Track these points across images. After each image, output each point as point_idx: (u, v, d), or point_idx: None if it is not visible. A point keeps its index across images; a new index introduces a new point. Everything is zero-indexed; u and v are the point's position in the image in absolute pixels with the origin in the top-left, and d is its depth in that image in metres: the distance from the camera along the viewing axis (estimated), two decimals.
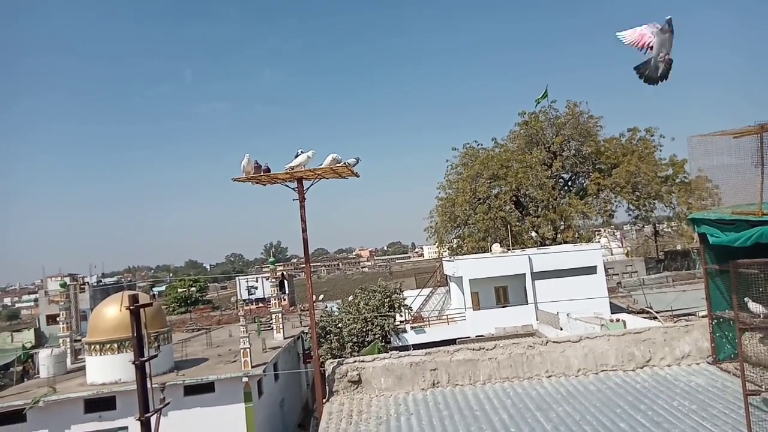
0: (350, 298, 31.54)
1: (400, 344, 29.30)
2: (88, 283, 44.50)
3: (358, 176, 10.30)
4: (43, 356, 22.78)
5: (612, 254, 54.36)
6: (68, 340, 24.64)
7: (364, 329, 27.72)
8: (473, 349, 9.46)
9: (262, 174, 9.19)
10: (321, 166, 9.38)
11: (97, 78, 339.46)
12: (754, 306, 8.02)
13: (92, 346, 20.62)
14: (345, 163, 9.61)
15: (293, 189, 9.72)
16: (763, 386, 7.49)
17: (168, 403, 11.24)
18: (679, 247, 53.51)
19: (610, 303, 31.52)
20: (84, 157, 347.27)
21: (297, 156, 9.21)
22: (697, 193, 40.08)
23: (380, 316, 28.37)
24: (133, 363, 8.86)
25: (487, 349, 9.43)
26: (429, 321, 32.50)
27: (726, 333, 9.10)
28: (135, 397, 8.52)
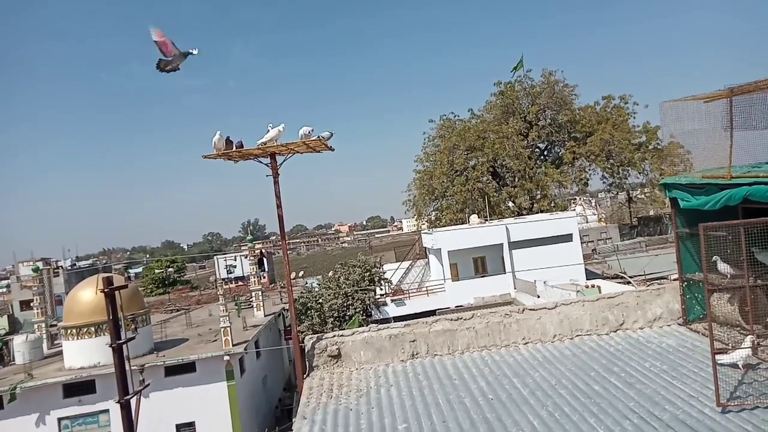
0: (330, 273, 31.57)
1: (381, 317, 29.54)
2: (62, 266, 43.66)
3: (333, 149, 10.15)
4: (18, 342, 22.41)
5: (587, 222, 55.36)
6: (43, 325, 24.25)
7: (345, 304, 27.82)
8: (451, 320, 9.53)
9: (233, 150, 8.99)
10: (294, 141, 9.20)
11: (67, 60, 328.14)
12: (722, 266, 8.21)
13: (69, 331, 20.34)
14: (319, 137, 9.45)
15: (267, 165, 9.54)
16: (730, 344, 7.73)
17: (147, 385, 11.18)
18: (651, 213, 54.72)
19: (586, 269, 32.15)
20: (56, 140, 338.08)
21: (268, 131, 9.01)
22: (669, 159, 40.82)
23: (361, 290, 28.48)
24: (110, 346, 8.75)
25: (465, 319, 9.51)
26: (409, 293, 32.79)
27: (696, 295, 9.32)
28: (114, 379, 8.44)
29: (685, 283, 9.33)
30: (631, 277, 27.83)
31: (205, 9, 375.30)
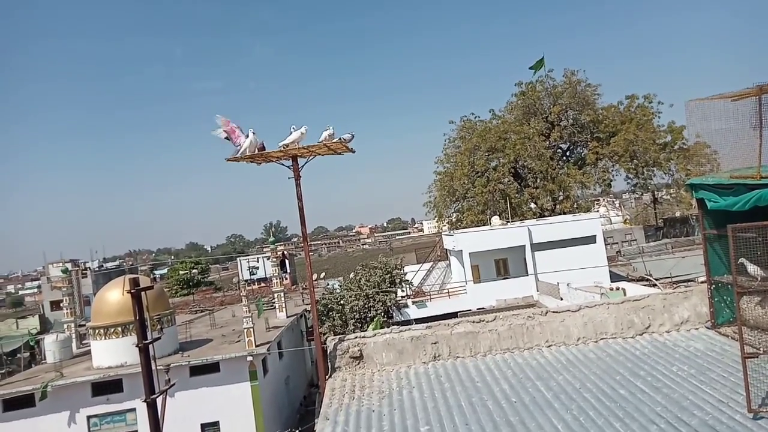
0: (351, 275, 31.66)
1: (402, 319, 29.53)
2: (89, 268, 44.67)
3: (354, 152, 10.20)
4: (49, 342, 23.00)
5: (611, 223, 54.49)
6: (72, 325, 24.85)
7: (366, 305, 27.89)
8: (473, 322, 9.50)
9: (255, 153, 9.10)
10: (316, 143, 9.28)
11: (89, 61, 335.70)
12: (752, 268, 8.02)
13: (96, 331, 20.80)
14: (340, 139, 9.51)
15: (288, 167, 9.63)
16: (761, 348, 7.53)
17: (173, 384, 11.37)
18: (678, 214, 53.57)
19: (610, 272, 31.67)
20: (82, 142, 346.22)
21: (291, 133, 9.10)
22: (696, 159, 39.94)
23: (382, 292, 28.52)
24: (137, 346, 8.94)
25: (487, 321, 9.47)
26: (430, 295, 32.70)
27: (724, 297, 9.12)
28: (141, 379, 8.61)
29: (713, 285, 9.13)
30: (657, 280, 27.31)
31: (223, 10, 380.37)
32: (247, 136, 8.85)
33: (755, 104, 7.59)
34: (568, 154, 46.09)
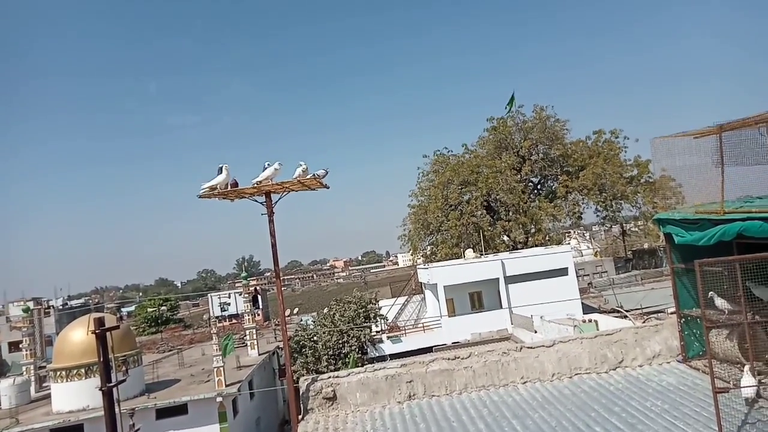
0: (325, 310, 31.22)
1: (377, 355, 29.08)
2: (53, 306, 43.06)
3: (328, 188, 10.16)
4: (5, 386, 21.88)
5: (582, 255, 55.32)
6: (32, 367, 23.73)
7: (340, 341, 27.40)
8: (448, 359, 9.38)
9: (228, 190, 8.99)
10: (290, 180, 9.22)
11: (61, 94, 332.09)
12: (719, 302, 8.16)
13: (58, 373, 19.89)
14: (314, 175, 9.47)
15: (262, 203, 9.52)
16: (731, 382, 7.61)
17: (137, 429, 10.85)
18: (646, 246, 54.80)
19: (582, 303, 31.95)
20: (49, 174, 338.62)
21: (264, 169, 9.04)
22: (661, 193, 41.09)
23: (356, 327, 28.12)
24: (100, 389, 8.54)
25: (462, 358, 9.36)
26: (405, 330, 32.39)
27: (694, 331, 9.24)
28: (104, 424, 8.20)
29: (683, 319, 9.26)
30: (627, 311, 27.64)
31: (199, 47, 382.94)
32: (220, 171, 8.75)
33: (716, 142, 7.87)
34: (539, 187, 46.98)
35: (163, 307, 62.81)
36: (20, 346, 25.38)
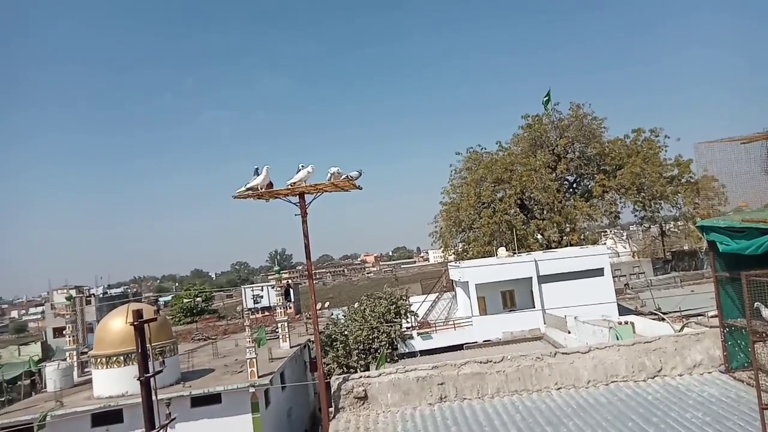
0: (356, 305, 31.39)
1: (407, 351, 29.13)
2: (94, 294, 44.55)
3: (361, 189, 10.19)
4: (50, 370, 22.76)
5: (618, 256, 54.03)
6: (75, 353, 24.62)
7: (371, 336, 27.56)
8: (480, 362, 9.31)
9: (263, 191, 9.11)
10: (323, 182, 9.29)
11: (99, 87, 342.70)
12: (766, 313, 7.86)
13: (98, 359, 20.57)
14: (347, 176, 9.52)
15: (295, 204, 9.63)
16: None
17: (174, 419, 11.14)
18: (686, 247, 53.09)
19: (618, 305, 31.23)
20: (88, 167, 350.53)
21: (298, 171, 9.13)
22: (704, 193, 39.77)
23: (386, 322, 28.21)
24: (138, 379, 8.80)
25: (494, 362, 9.28)
26: (436, 327, 32.29)
27: (738, 341, 8.93)
28: (141, 410, 8.44)
29: (726, 329, 8.95)
30: (665, 314, 26.89)
31: (233, 41, 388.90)
32: (256, 172, 8.87)
33: (766, 147, 7.55)
34: (574, 186, 46.05)
35: (198, 298, 64.29)
36: (63, 332, 26.36)
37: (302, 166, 9.11)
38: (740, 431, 7.05)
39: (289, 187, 9.15)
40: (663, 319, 25.43)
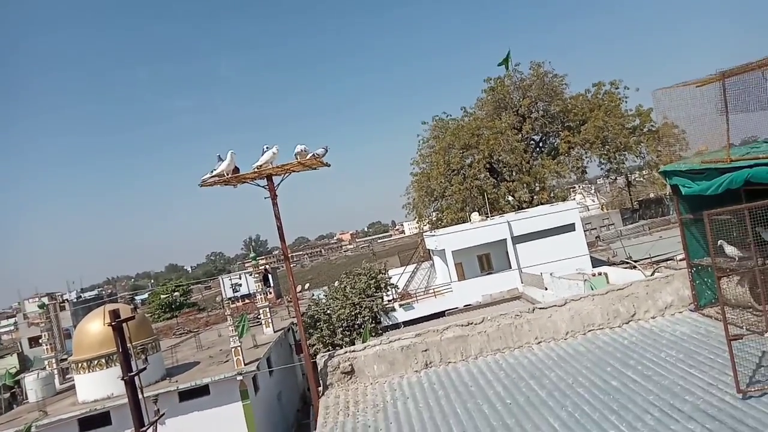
0: (336, 283, 31.49)
1: (391, 323, 29.46)
2: (67, 300, 43.53)
3: (329, 165, 10.10)
4: (30, 380, 22.31)
5: (588, 210, 55.24)
6: (54, 360, 24.14)
7: (354, 313, 27.75)
8: (462, 325, 9.47)
9: (229, 177, 8.95)
10: (290, 162, 9.17)
11: (52, 89, 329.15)
12: (729, 249, 8.15)
13: (79, 365, 20.24)
14: (314, 154, 9.41)
15: (264, 187, 9.50)
16: (744, 327, 7.65)
17: (162, 415, 11.08)
18: (652, 195, 54.60)
19: (591, 257, 32.07)
20: (49, 169, 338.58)
21: (263, 153, 8.98)
22: (665, 140, 40.75)
23: (368, 297, 28.40)
24: (122, 379, 8.69)
25: (475, 324, 9.45)
26: (416, 297, 32.70)
27: (705, 279, 9.26)
28: (129, 410, 8.36)
29: (694, 269, 9.27)
30: (636, 262, 27.72)
31: (187, 28, 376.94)
32: (220, 159, 8.69)
33: (720, 89, 7.72)
34: (540, 145, 46.61)
35: (176, 293, 63.52)
36: (40, 341, 25.78)
37: (267, 147, 8.97)
38: (711, 364, 7.37)
39: (256, 170, 9.01)
40: (634, 267, 26.22)
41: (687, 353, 7.90)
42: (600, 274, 24.15)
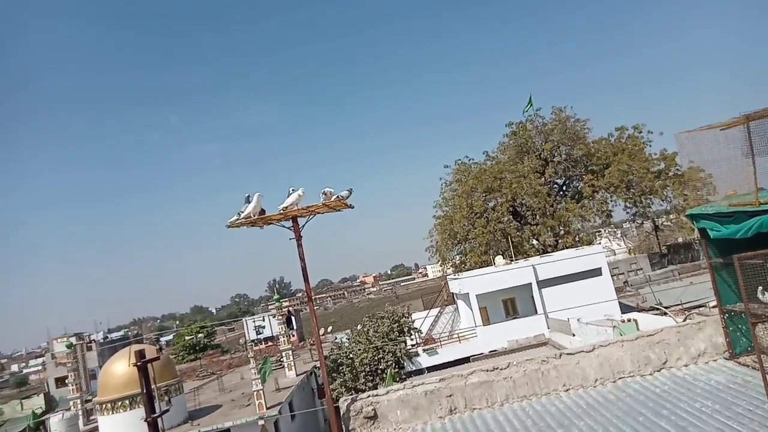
0: (359, 327, 31.22)
1: (414, 369, 28.91)
2: (94, 340, 44.07)
3: (353, 207, 10.27)
4: (55, 421, 22.44)
5: (615, 254, 54.21)
6: (79, 401, 24.27)
7: (376, 357, 27.36)
8: (487, 371, 9.30)
9: (255, 218, 9.17)
10: (315, 204, 9.36)
11: (85, 129, 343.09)
12: (763, 295, 7.93)
13: (104, 406, 20.30)
14: (338, 196, 9.60)
15: (289, 228, 9.67)
16: None
17: None
18: (680, 240, 53.42)
19: (620, 303, 31.23)
20: (78, 212, 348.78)
21: (289, 195, 9.19)
22: (691, 184, 40.20)
23: (391, 341, 28.03)
24: (145, 420, 8.72)
25: (501, 369, 9.27)
26: (440, 341, 32.13)
27: (739, 326, 8.98)
28: None
29: (726, 315, 9.01)
30: (666, 308, 26.91)
31: (214, 73, 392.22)
32: (247, 200, 8.93)
33: (745, 132, 7.71)
34: (564, 188, 46.36)
35: (200, 335, 63.65)
36: (66, 381, 26.01)
37: (292, 189, 9.18)
38: (749, 416, 7.07)
39: (282, 211, 9.21)
40: (665, 313, 25.44)
41: (724, 404, 7.60)
42: (629, 320, 23.48)
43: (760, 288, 7.73)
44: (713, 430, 6.91)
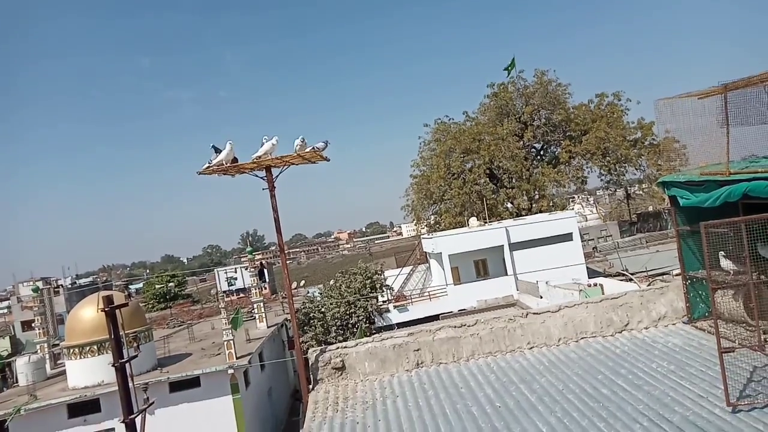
0: (331, 282, 31.46)
1: (384, 324, 29.44)
2: (62, 285, 43.49)
3: (328, 160, 10.10)
4: (21, 364, 22.24)
5: (586, 220, 55.30)
6: (46, 345, 24.08)
7: (348, 312, 27.72)
8: (455, 327, 9.47)
9: (228, 165, 8.95)
10: (289, 153, 9.17)
11: (52, 75, 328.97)
12: (725, 263, 8.16)
13: (71, 350, 20.20)
14: (314, 147, 9.41)
15: (262, 178, 9.50)
16: (737, 341, 7.66)
17: (152, 403, 11.06)
18: (651, 209, 54.70)
19: (587, 268, 32.08)
20: (50, 157, 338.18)
21: (263, 144, 8.98)
22: (666, 154, 40.82)
23: (363, 297, 28.38)
24: (113, 366, 8.68)
25: (468, 326, 9.45)
26: (411, 299, 32.68)
27: (699, 292, 9.27)
28: (119, 398, 8.34)
29: (688, 281, 9.28)
30: (633, 274, 27.78)
31: (193, 19, 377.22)
32: (216, 150, 8.69)
33: (722, 102, 7.74)
34: (542, 153, 46.66)
35: (170, 284, 63.42)
36: (32, 325, 25.74)
37: (266, 138, 8.97)
38: (702, 376, 7.38)
39: (255, 160, 9.01)
40: (630, 279, 26.29)
41: (678, 365, 7.91)
42: (595, 284, 24.18)
43: (722, 253, 7.94)
44: (667, 388, 7.20)
